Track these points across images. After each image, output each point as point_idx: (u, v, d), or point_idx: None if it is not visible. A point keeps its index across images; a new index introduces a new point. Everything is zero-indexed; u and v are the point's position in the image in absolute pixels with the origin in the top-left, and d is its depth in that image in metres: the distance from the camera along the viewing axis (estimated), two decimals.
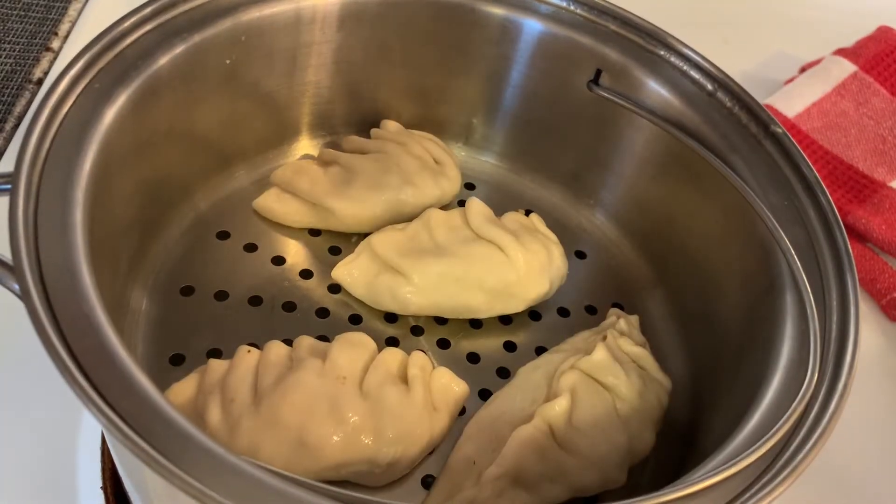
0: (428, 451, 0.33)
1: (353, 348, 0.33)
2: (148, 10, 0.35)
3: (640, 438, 0.33)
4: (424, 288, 0.36)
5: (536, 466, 0.31)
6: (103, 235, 0.30)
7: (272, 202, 0.41)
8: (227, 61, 0.37)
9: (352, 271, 0.38)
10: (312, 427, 0.30)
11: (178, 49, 0.35)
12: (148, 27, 0.34)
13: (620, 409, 0.34)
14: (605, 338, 0.36)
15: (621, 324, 0.37)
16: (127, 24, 0.34)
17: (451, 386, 0.34)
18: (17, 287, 0.26)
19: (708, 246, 0.39)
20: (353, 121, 0.45)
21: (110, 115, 0.32)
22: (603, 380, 0.34)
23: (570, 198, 0.45)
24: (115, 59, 0.33)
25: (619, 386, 0.34)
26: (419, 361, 0.34)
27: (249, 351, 0.33)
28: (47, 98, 0.30)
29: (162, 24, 0.35)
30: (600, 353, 0.34)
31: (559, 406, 0.32)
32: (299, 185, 0.40)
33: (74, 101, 0.31)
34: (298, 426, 0.30)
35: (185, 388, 0.32)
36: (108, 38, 0.33)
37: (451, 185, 0.42)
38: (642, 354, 0.36)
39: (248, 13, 0.37)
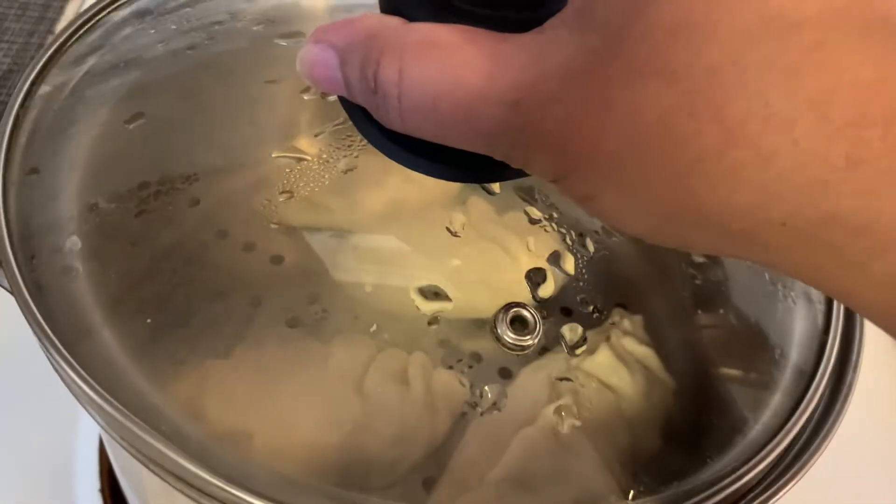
0: (429, 453, 0.33)
1: (353, 348, 0.33)
2: (143, 2, 0.34)
3: (644, 439, 0.33)
4: None
5: (540, 468, 0.31)
6: (99, 234, 0.30)
7: (272, 201, 0.40)
8: (227, 57, 0.37)
9: None
10: (311, 427, 0.30)
11: (177, 44, 0.35)
12: (143, 20, 0.34)
13: (625, 410, 0.33)
14: (608, 338, 0.36)
15: (625, 324, 0.37)
16: (122, 15, 0.33)
17: (452, 386, 0.34)
18: (6, 283, 0.25)
19: None
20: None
21: (106, 111, 0.32)
22: (607, 380, 0.34)
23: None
24: (112, 54, 0.33)
25: (624, 386, 0.34)
26: (420, 361, 0.34)
27: None
28: (42, 95, 0.30)
29: (157, 18, 0.35)
30: (604, 354, 0.34)
31: (562, 407, 0.32)
32: (299, 184, 0.40)
33: (69, 97, 0.31)
34: (297, 426, 0.30)
35: None
36: (104, 32, 0.33)
37: (452, 184, 0.42)
38: (647, 354, 0.36)
39: (245, 5, 0.37)
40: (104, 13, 0.33)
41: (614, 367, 0.34)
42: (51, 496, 0.35)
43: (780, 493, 0.27)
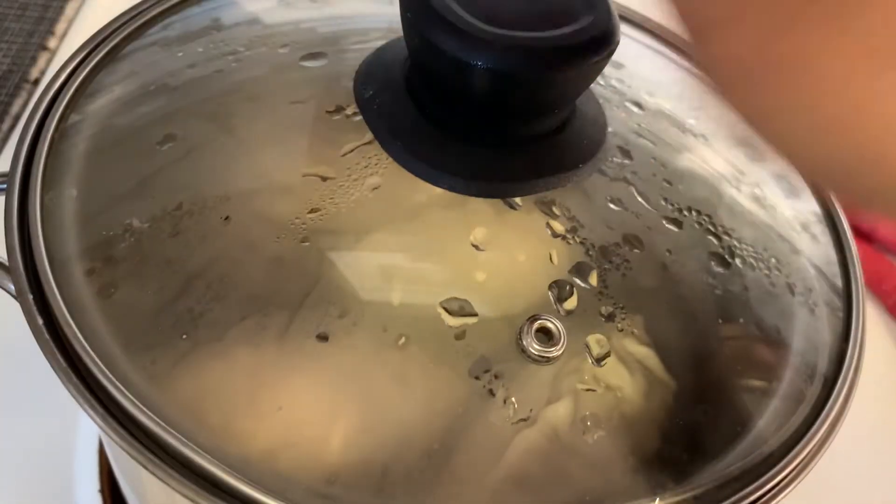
0: (428, 453, 0.33)
1: (352, 348, 0.33)
2: (152, 13, 0.34)
3: (645, 440, 0.33)
4: None
5: (540, 470, 0.31)
6: (100, 236, 0.30)
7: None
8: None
9: None
10: (311, 428, 0.30)
11: (179, 52, 0.35)
12: (150, 27, 0.34)
13: (625, 411, 0.33)
14: (609, 338, 0.36)
15: (625, 324, 0.37)
16: (127, 20, 0.33)
17: (452, 386, 0.34)
18: (12, 287, 0.25)
19: None
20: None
21: (109, 115, 0.32)
22: (607, 381, 0.34)
23: None
24: (115, 58, 0.33)
25: (624, 387, 0.34)
26: (419, 361, 0.34)
27: None
28: (43, 97, 0.30)
29: (164, 24, 0.35)
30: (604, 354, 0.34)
31: (562, 409, 0.32)
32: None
33: (71, 101, 0.31)
34: (297, 427, 0.30)
35: None
36: (108, 37, 0.33)
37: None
38: (647, 355, 0.35)
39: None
40: (126, 38, 0.34)
41: (614, 368, 0.34)
42: (51, 496, 0.35)
43: (781, 494, 0.27)
